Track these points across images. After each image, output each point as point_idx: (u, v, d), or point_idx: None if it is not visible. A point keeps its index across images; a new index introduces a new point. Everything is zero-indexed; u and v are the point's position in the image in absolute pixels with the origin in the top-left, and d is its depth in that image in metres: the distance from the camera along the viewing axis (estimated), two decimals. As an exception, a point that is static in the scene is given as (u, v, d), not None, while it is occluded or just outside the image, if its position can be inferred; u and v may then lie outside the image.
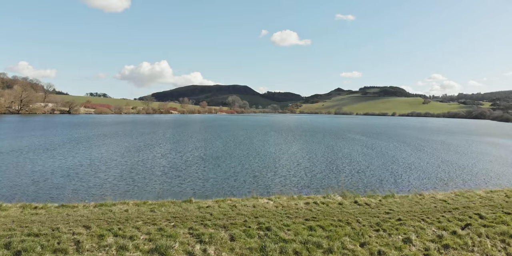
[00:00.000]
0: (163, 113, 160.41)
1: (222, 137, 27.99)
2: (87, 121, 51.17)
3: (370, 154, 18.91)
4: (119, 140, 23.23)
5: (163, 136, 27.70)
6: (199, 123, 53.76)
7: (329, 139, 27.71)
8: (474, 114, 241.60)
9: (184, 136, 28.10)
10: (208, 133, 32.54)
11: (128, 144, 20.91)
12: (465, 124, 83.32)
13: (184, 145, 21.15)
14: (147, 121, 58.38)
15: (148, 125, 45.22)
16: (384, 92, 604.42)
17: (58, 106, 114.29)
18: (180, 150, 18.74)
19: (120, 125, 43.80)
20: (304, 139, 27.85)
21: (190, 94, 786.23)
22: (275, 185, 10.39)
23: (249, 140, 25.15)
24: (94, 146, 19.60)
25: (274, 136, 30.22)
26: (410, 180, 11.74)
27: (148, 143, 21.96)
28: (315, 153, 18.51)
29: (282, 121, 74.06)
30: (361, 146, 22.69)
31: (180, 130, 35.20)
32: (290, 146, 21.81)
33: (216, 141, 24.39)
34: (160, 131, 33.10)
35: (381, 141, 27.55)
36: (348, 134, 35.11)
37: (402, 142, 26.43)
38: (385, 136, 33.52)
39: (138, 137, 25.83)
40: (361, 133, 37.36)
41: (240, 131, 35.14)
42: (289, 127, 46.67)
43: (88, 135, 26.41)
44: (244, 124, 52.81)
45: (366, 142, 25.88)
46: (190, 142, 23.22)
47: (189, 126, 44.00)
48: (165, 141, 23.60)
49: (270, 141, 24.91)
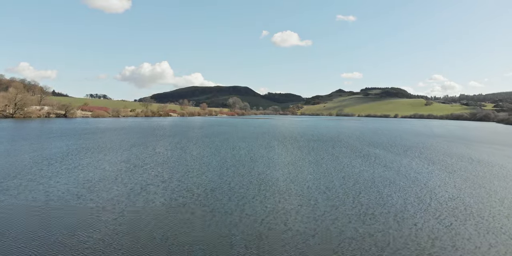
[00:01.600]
0: (163, 115, 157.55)
1: (220, 152, 24.74)
2: (78, 128, 48.03)
3: (397, 181, 15.62)
4: (100, 159, 20.00)
5: (154, 151, 24.47)
6: (197, 130, 50.56)
7: (341, 153, 24.44)
8: (479, 116, 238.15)
9: (177, 150, 24.89)
10: (205, 145, 29.31)
11: (108, 166, 17.66)
12: (475, 128, 79.86)
13: (174, 166, 17.96)
14: (143, 126, 55.26)
15: (142, 132, 42.04)
16: (385, 93, 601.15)
17: (54, 109, 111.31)
18: (167, 176, 15.50)
19: (112, 133, 40.64)
20: (313, 155, 24.56)
21: (191, 95, 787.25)
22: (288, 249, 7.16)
23: (251, 158, 21.92)
24: (65, 170, 16.34)
25: (278, 149, 27.00)
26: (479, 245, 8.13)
27: (133, 164, 18.73)
28: (331, 181, 15.24)
29: (284, 126, 70.81)
30: (382, 167, 19.41)
31: (175, 141, 31.97)
32: (298, 168, 18.55)
33: (213, 159, 21.15)
34: (152, 143, 29.88)
35: (402, 157, 24.25)
36: (360, 145, 31.84)
37: (429, 160, 23.09)
38: (402, 148, 30.22)
39: (124, 153, 22.61)
40: (374, 144, 34.08)
41: (241, 143, 31.89)
42: (292, 135, 43.40)
43: (68, 150, 23.20)
44: (245, 131, 49.57)
45: (385, 160, 22.59)
46: (182, 160, 20.04)
47: (186, 135, 40.77)
48: (154, 159, 20.37)
49: (274, 159, 21.65)
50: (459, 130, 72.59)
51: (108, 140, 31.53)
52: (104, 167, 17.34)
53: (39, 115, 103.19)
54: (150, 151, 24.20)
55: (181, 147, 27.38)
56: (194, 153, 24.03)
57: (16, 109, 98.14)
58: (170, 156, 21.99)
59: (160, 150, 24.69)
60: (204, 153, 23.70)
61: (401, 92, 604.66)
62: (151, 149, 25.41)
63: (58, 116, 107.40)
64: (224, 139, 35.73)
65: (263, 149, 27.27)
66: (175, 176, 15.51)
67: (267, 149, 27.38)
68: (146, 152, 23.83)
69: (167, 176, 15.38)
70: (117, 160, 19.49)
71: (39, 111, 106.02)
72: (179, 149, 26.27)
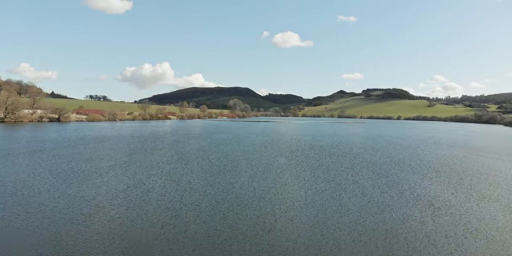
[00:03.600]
0: (161, 118, 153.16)
1: (217, 180, 20.17)
2: (62, 137, 43.48)
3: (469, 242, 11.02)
4: (64, 190, 15.46)
5: (137, 174, 19.92)
6: (193, 141, 46.01)
7: (364, 179, 19.85)
8: (484, 118, 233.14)
9: (166, 171, 20.37)
10: (200, 163, 24.76)
11: (66, 201, 13.09)
12: (489, 134, 74.78)
13: (161, 198, 13.46)
14: (135, 134, 50.59)
15: (130, 144, 37.52)
16: (387, 94, 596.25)
17: (47, 113, 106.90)
18: (139, 228, 10.94)
19: (95, 145, 36.12)
20: (332, 182, 19.95)
21: (191, 96, 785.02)
22: None
23: (256, 183, 17.37)
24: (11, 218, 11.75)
25: (285, 169, 22.45)
26: None
27: (105, 196, 14.16)
28: (366, 234, 10.65)
29: (288, 134, 66.19)
30: (428, 206, 14.81)
31: (164, 160, 27.42)
32: (318, 206, 13.97)
33: (209, 185, 16.59)
34: (138, 162, 25.32)
35: (446, 188, 19.63)
36: (381, 163, 27.23)
37: (490, 198, 18.45)
38: (434, 169, 25.60)
39: (98, 179, 18.06)
40: (395, 161, 29.45)
41: (242, 162, 27.33)
42: (299, 148, 38.81)
43: (25, 177, 18.65)
44: (246, 142, 45.01)
45: (425, 191, 17.98)
46: (171, 188, 15.53)
47: (180, 149, 36.23)
48: (135, 188, 15.82)
49: (285, 191, 17.06)
50: (477, 138, 68.03)
51: (82, 159, 27.01)
52: (61, 198, 12.83)
53: (31, 119, 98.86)
54: (131, 176, 19.63)
55: (169, 171, 22.80)
56: (187, 176, 19.46)
57: (7, 113, 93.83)
58: (156, 183, 17.41)
59: (141, 178, 20.08)
60: (196, 183, 19.12)
61: (403, 93, 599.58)
62: (133, 171, 20.85)
63: (51, 121, 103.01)
64: (222, 155, 31.18)
65: (270, 172, 22.68)
66: (161, 216, 10.96)
67: (274, 171, 22.80)
68: (126, 177, 19.26)
69: (139, 228, 10.82)
70: (89, 193, 14.96)
71: (31, 115, 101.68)
72: (171, 169, 21.71)
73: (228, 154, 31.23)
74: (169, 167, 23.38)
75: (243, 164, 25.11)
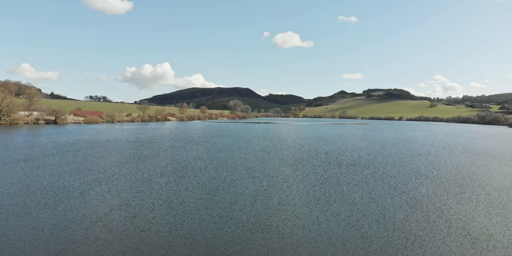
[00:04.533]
0: (160, 120, 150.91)
1: (216, 195, 17.81)
2: (55, 142, 41.14)
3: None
4: (35, 215, 13.11)
5: (124, 191, 17.58)
6: (190, 146, 43.69)
7: (387, 199, 17.50)
8: (488, 119, 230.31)
9: (157, 188, 18.04)
10: (197, 175, 22.41)
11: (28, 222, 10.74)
12: (498, 136, 71.68)
13: (147, 228, 11.10)
14: (132, 138, 48.09)
15: (126, 149, 35.17)
16: (389, 95, 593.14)
17: (44, 114, 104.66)
18: None
19: (89, 151, 33.78)
20: (347, 201, 17.58)
21: (191, 96, 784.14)
22: None
23: (259, 205, 15.03)
24: None
25: (291, 183, 20.10)
26: None
27: (79, 224, 11.80)
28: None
29: (291, 138, 63.80)
30: (464, 238, 12.46)
31: (160, 167, 25.08)
32: (325, 230, 11.62)
33: (204, 208, 14.24)
34: (128, 174, 22.97)
35: (472, 207, 17.25)
36: (400, 176, 24.86)
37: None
38: (455, 184, 23.23)
39: (78, 199, 15.72)
40: (411, 170, 27.06)
41: (243, 172, 24.99)
42: (305, 154, 36.44)
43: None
44: (247, 147, 42.68)
45: (462, 220, 15.61)
46: (160, 212, 13.17)
47: (174, 157, 33.91)
48: (119, 212, 13.46)
49: (291, 202, 14.70)
50: (488, 141, 65.74)
51: (67, 171, 24.71)
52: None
53: (26, 121, 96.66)
54: (112, 198, 17.28)
55: (160, 188, 20.44)
56: (175, 202, 17.10)
57: (2, 115, 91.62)
58: (136, 213, 15.04)
59: (127, 197, 17.71)
60: (190, 205, 16.77)
61: (404, 94, 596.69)
62: (115, 193, 18.50)
63: (48, 123, 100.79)
64: (222, 164, 28.83)
65: (274, 188, 20.31)
66: None
67: (279, 187, 20.43)
68: (106, 196, 16.91)
69: None
70: (57, 218, 12.62)
71: (27, 117, 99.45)
72: (156, 193, 19.34)
73: (227, 163, 28.85)
74: (161, 181, 20.98)
75: (244, 177, 22.71)
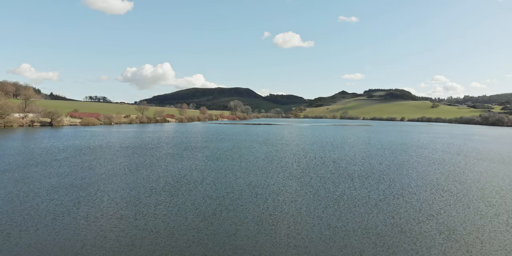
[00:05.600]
0: (159, 121, 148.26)
1: (213, 223, 15.05)
2: (43, 148, 38.38)
3: None
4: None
5: (104, 216, 14.86)
6: (186, 153, 40.96)
7: (408, 221, 14.73)
8: (491, 120, 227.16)
9: (142, 212, 15.34)
10: (192, 192, 19.68)
11: None
12: (509, 139, 68.64)
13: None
14: (126, 143, 45.17)
15: (117, 157, 32.44)
16: (390, 95, 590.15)
17: (39, 116, 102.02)
18: None
19: (76, 159, 31.06)
20: (366, 226, 14.80)
21: (191, 97, 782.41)
22: None
23: (263, 238, 12.29)
24: None
25: (300, 204, 17.37)
26: None
27: None
28: None
29: (295, 143, 61.01)
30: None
31: (151, 181, 22.35)
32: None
33: (198, 243, 11.51)
34: (112, 192, 20.23)
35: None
36: (413, 187, 22.08)
37: None
38: (489, 205, 20.43)
39: (42, 230, 13.01)
40: (432, 184, 24.27)
41: (244, 187, 22.27)
42: (310, 162, 33.70)
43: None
44: (249, 154, 39.96)
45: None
46: (144, 251, 10.48)
47: (172, 163, 31.18)
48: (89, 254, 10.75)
49: (303, 232, 11.96)
50: (501, 146, 62.97)
51: (44, 187, 21.98)
52: None
53: (21, 123, 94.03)
54: (84, 229, 14.54)
55: (147, 212, 17.68)
56: (162, 234, 14.36)
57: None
58: (115, 253, 12.30)
59: (105, 227, 14.96)
60: (180, 238, 14.03)
61: (405, 94, 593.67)
62: (91, 220, 15.77)
63: (43, 125, 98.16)
64: (220, 177, 26.11)
65: (281, 209, 17.56)
66: None
67: (286, 208, 17.67)
68: (77, 226, 14.18)
69: None
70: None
71: (22, 119, 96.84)
72: (141, 219, 16.59)
73: (227, 175, 26.09)
74: (150, 202, 18.18)
75: (245, 196, 19.90)
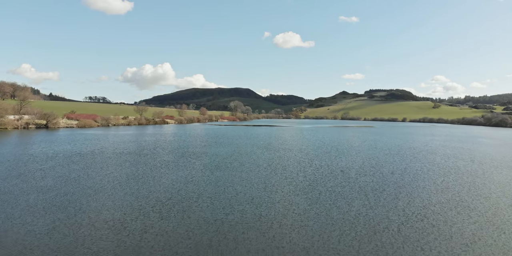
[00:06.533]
0: (158, 123, 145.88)
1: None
2: (30, 155, 35.83)
3: None
4: None
5: (77, 242, 12.35)
6: (185, 160, 38.44)
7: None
8: (494, 121, 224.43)
9: (125, 243, 12.82)
10: (184, 214, 17.13)
11: None
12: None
13: None
14: (120, 149, 42.39)
15: (107, 166, 29.89)
16: (391, 95, 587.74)
17: (35, 118, 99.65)
18: None
19: (63, 169, 28.55)
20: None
21: (192, 97, 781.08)
22: None
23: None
24: None
25: (313, 230, 14.84)
26: None
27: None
28: None
29: (296, 146, 58.44)
30: None
31: (140, 199, 19.79)
32: None
33: None
34: (87, 217, 17.68)
35: None
36: (440, 205, 19.48)
37: None
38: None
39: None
40: (460, 202, 21.65)
41: (246, 206, 19.70)
42: (317, 173, 31.13)
43: None
44: (250, 161, 37.43)
45: None
46: None
47: (166, 174, 28.61)
48: None
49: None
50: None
51: (19, 207, 19.44)
52: None
53: (16, 126, 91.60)
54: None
55: (132, 239, 15.17)
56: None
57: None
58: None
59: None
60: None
61: (406, 94, 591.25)
62: (63, 251, 13.18)
63: (39, 127, 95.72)
64: (218, 192, 23.54)
65: (289, 237, 14.97)
66: None
67: (295, 234, 15.08)
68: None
69: None
70: None
71: (17, 121, 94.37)
72: (122, 248, 14.02)
73: (226, 190, 23.50)
74: (135, 228, 15.56)
75: (248, 217, 17.31)
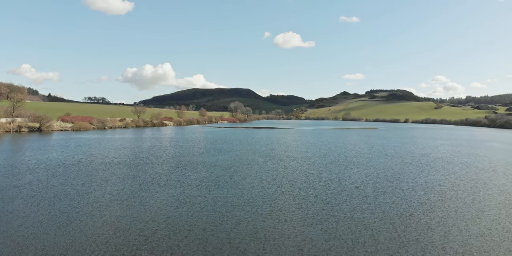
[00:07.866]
0: (156, 125, 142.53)
1: None
2: (10, 166, 32.55)
3: None
4: None
5: None
6: (180, 172, 35.14)
7: None
8: (499, 122, 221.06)
9: None
10: (175, 251, 13.86)
11: None
12: None
13: None
14: (110, 157, 38.77)
15: (94, 180, 26.58)
16: (392, 96, 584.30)
17: (28, 121, 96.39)
18: None
19: (41, 185, 25.27)
20: None
21: (192, 97, 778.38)
22: None
23: None
24: None
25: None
26: None
27: None
28: None
29: (301, 154, 55.10)
30: None
31: (122, 227, 16.51)
32: None
33: None
34: (62, 248, 14.38)
35: None
36: (499, 238, 16.25)
37: None
38: None
39: None
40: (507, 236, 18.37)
41: (248, 238, 16.42)
42: (325, 186, 27.85)
43: None
44: (251, 174, 34.15)
45: None
46: None
47: (156, 192, 25.27)
48: None
49: None
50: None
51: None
52: None
53: (8, 129, 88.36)
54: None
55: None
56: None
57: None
58: None
59: None
60: None
61: (408, 95, 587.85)
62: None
63: (32, 130, 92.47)
64: (214, 221, 20.22)
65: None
66: None
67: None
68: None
69: None
70: None
71: (9, 124, 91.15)
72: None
73: (225, 218, 20.07)
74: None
75: (251, 248, 14.01)
